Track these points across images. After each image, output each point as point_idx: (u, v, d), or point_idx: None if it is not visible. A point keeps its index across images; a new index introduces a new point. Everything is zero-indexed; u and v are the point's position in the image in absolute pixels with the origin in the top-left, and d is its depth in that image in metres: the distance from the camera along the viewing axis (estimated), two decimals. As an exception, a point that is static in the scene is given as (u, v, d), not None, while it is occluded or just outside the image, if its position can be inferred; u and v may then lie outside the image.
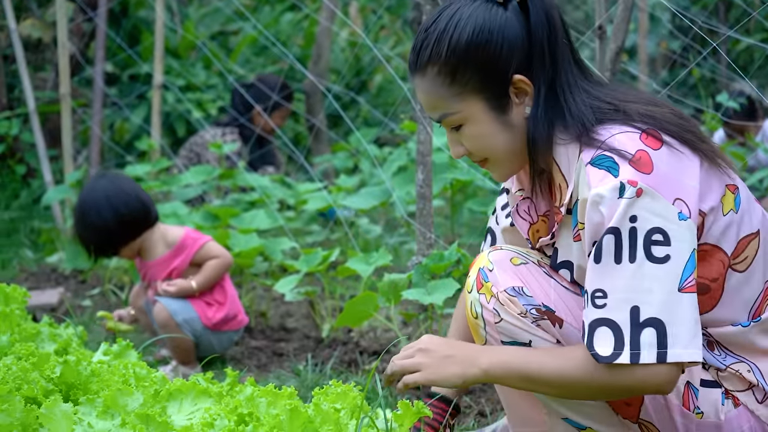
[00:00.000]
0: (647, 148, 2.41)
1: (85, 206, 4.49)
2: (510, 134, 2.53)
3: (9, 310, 3.59)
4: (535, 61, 2.49)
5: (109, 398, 2.60)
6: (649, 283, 2.33)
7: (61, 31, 7.22)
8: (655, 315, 2.31)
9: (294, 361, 4.55)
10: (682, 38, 9.77)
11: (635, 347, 2.32)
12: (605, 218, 2.36)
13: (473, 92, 2.50)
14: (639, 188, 2.34)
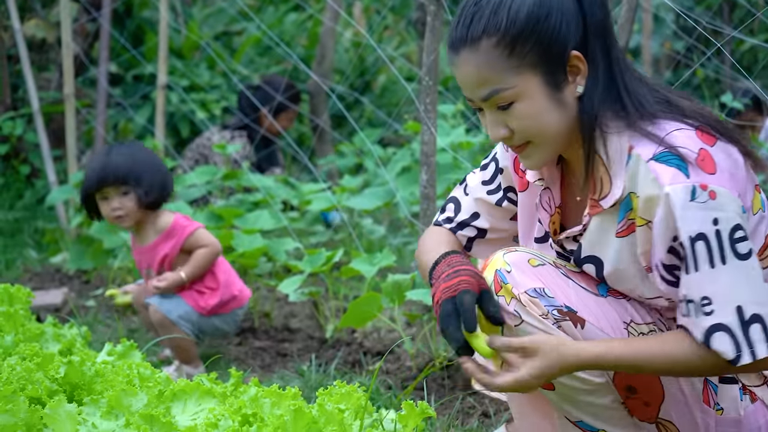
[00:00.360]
0: (705, 145, 2.39)
1: (144, 151, 4.57)
2: (561, 113, 2.45)
3: (13, 310, 3.60)
4: (591, 40, 2.43)
5: (113, 398, 2.60)
6: (744, 280, 2.33)
7: (65, 31, 7.22)
8: (755, 312, 2.32)
9: (298, 361, 4.55)
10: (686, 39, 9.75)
11: (751, 345, 2.33)
12: (686, 224, 2.33)
13: (531, 66, 2.41)
14: (711, 191, 2.33)
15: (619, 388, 2.54)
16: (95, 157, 4.66)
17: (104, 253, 6.15)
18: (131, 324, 5.38)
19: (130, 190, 4.42)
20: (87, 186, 4.46)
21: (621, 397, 2.55)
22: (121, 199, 4.42)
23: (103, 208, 4.46)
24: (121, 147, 4.53)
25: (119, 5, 8.83)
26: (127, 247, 5.79)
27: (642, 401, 2.54)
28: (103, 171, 4.42)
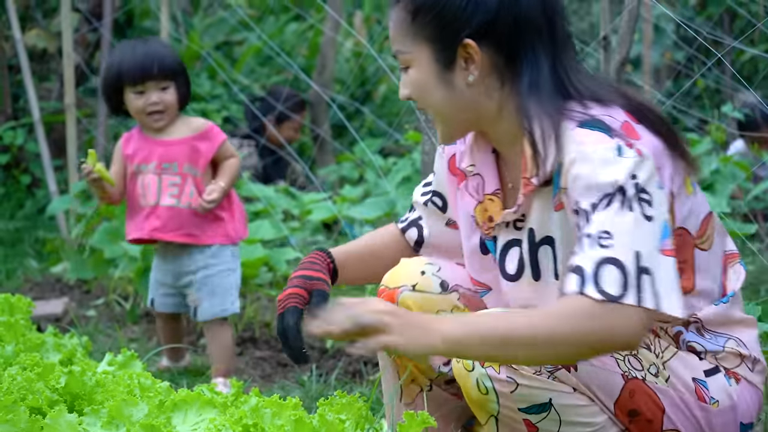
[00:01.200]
0: (632, 121, 2.45)
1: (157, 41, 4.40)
2: (448, 93, 2.53)
3: (14, 320, 3.60)
4: (502, 36, 2.48)
5: (113, 409, 2.60)
6: (643, 235, 2.31)
7: (66, 41, 7.23)
8: (649, 266, 2.30)
9: (298, 371, 4.55)
10: (687, 49, 9.75)
11: (640, 290, 2.29)
12: (607, 174, 2.34)
13: (426, 38, 2.52)
14: (638, 149, 2.36)
15: (622, 415, 2.54)
16: (127, 47, 4.28)
17: (105, 263, 6.14)
18: (132, 334, 5.38)
19: (171, 86, 4.19)
20: (121, 77, 4.16)
21: (624, 424, 2.56)
22: (160, 94, 4.17)
23: (136, 102, 4.17)
24: (155, 40, 4.33)
25: (120, 15, 8.84)
26: (129, 256, 5.79)
27: (645, 419, 2.54)
28: (147, 62, 4.15)
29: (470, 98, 2.53)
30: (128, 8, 9.14)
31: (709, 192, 5.72)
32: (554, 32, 2.52)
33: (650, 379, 2.53)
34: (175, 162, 4.22)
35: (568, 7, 14.16)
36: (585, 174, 2.37)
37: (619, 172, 2.33)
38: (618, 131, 2.39)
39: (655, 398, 2.53)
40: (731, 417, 2.58)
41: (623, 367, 2.52)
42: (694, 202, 2.54)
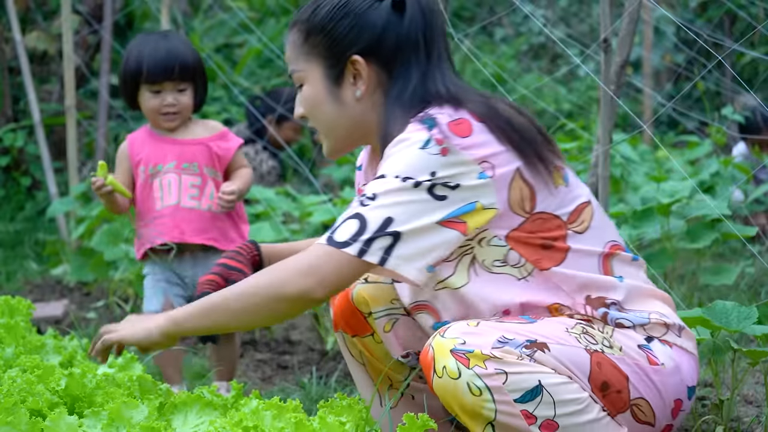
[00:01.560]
0: (471, 118, 2.65)
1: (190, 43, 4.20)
2: (337, 108, 2.79)
3: (14, 322, 3.59)
4: (386, 53, 2.73)
5: (114, 411, 2.60)
6: (415, 208, 2.57)
7: (67, 43, 7.23)
8: (399, 229, 2.57)
9: (298, 374, 4.54)
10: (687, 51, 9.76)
11: (367, 244, 2.56)
12: (406, 157, 2.59)
13: (317, 57, 2.77)
14: (445, 147, 2.58)
15: (596, 390, 2.61)
16: (147, 42, 4.08)
17: (105, 265, 6.14)
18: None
19: (188, 87, 4.07)
20: (139, 74, 4.01)
21: (599, 399, 2.62)
22: (176, 96, 4.05)
23: (152, 101, 4.04)
24: (176, 36, 4.15)
25: (120, 17, 8.84)
26: (129, 259, 5.79)
27: (615, 391, 2.63)
28: (168, 62, 4.01)
29: (359, 112, 2.79)
30: (128, 10, 9.14)
31: (710, 194, 5.72)
32: (430, 49, 2.76)
33: (608, 351, 2.63)
34: (195, 162, 4.08)
35: (568, 10, 14.20)
36: (391, 155, 2.62)
37: (417, 159, 2.58)
38: (443, 126, 2.60)
39: (618, 368, 2.62)
40: (679, 378, 2.70)
41: (583, 342, 2.62)
42: (564, 192, 2.73)
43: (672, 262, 4.53)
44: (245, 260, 3.04)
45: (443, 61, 2.78)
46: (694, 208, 4.71)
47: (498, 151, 2.63)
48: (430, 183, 2.57)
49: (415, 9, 2.74)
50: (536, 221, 2.69)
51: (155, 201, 4.07)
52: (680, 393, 2.71)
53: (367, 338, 3.07)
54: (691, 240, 4.59)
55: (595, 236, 2.75)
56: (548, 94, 12.41)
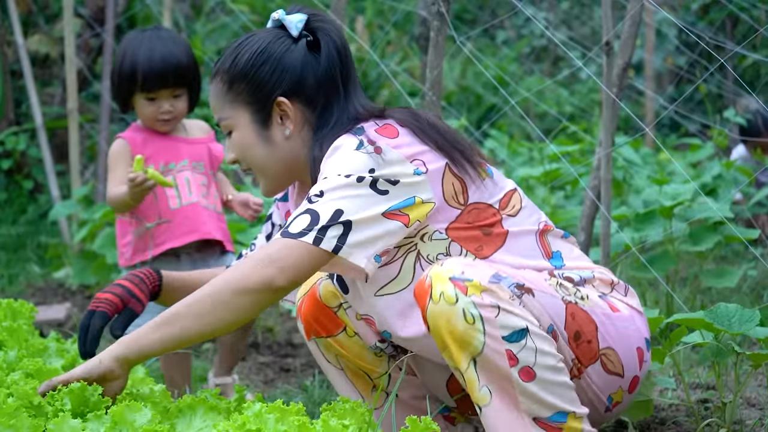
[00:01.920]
0: (395, 124, 2.82)
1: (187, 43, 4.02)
2: (268, 149, 2.90)
3: (16, 325, 3.59)
4: (308, 92, 2.87)
5: (117, 414, 2.59)
6: (361, 201, 2.68)
7: (69, 46, 7.24)
8: (350, 218, 2.66)
9: (301, 376, 4.54)
10: (689, 54, 9.76)
11: (322, 233, 2.65)
12: (343, 159, 2.71)
13: (243, 103, 2.89)
14: (377, 147, 2.72)
15: (571, 341, 2.72)
16: (142, 46, 3.92)
17: (107, 268, 6.15)
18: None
19: (184, 93, 3.96)
20: (134, 82, 3.89)
21: (572, 349, 2.72)
22: (172, 102, 3.94)
23: (147, 108, 3.93)
24: (170, 38, 3.96)
25: (122, 20, 8.84)
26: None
27: (586, 341, 2.73)
28: (163, 70, 3.89)
29: (289, 151, 2.90)
30: (130, 14, 9.15)
31: (712, 197, 5.72)
32: (347, 80, 2.91)
33: (579, 302, 2.74)
34: (202, 162, 4.05)
35: (570, 12, 14.19)
36: (328, 161, 2.74)
37: (355, 158, 2.70)
38: (369, 132, 2.76)
39: (589, 317, 2.74)
40: (635, 326, 2.83)
41: (560, 292, 2.73)
42: (491, 184, 2.87)
43: (674, 265, 4.53)
44: (146, 289, 3.08)
45: (358, 88, 2.94)
46: (697, 211, 4.71)
47: (424, 149, 2.77)
48: (371, 179, 2.68)
49: (329, 47, 2.88)
50: (472, 212, 2.81)
51: (170, 199, 3.97)
52: (640, 341, 2.84)
53: (340, 335, 3.12)
54: (693, 243, 4.60)
55: (527, 216, 2.89)
56: (550, 96, 12.41)
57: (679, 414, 3.70)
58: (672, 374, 4.12)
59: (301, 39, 2.89)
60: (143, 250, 3.98)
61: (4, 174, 8.82)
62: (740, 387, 3.41)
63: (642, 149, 8.12)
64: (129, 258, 4.00)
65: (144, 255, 3.97)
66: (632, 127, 11.74)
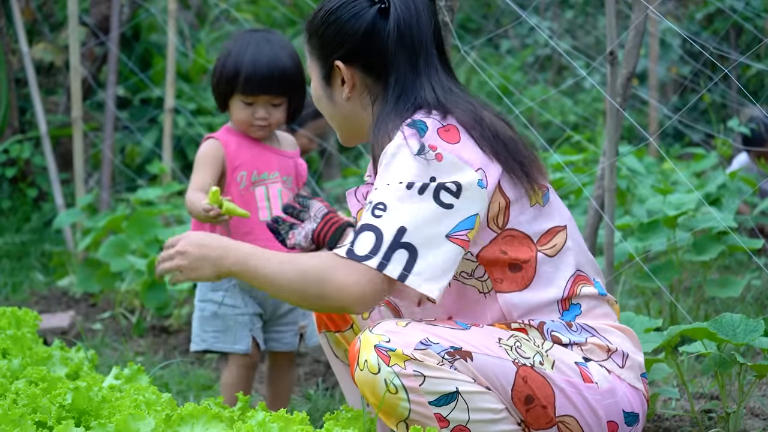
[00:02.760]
0: (459, 126, 2.73)
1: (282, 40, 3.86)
2: (331, 106, 2.93)
3: (21, 333, 3.59)
4: (371, 58, 2.83)
5: (120, 423, 2.60)
6: (425, 216, 2.61)
7: (74, 55, 7.24)
8: (414, 243, 2.60)
9: (304, 385, 4.54)
10: (693, 63, 9.76)
11: (386, 258, 2.59)
12: (404, 163, 2.66)
13: (316, 57, 2.92)
14: (438, 153, 2.65)
15: (519, 403, 2.66)
16: (250, 46, 3.78)
17: (111, 277, 6.15)
18: (138, 347, 5.38)
19: (284, 102, 3.80)
20: (236, 84, 3.75)
21: (522, 413, 2.67)
22: (269, 110, 3.78)
23: (243, 112, 3.78)
24: (280, 44, 3.81)
25: (127, 29, 8.86)
26: (135, 270, 5.79)
27: (540, 406, 2.67)
28: (267, 75, 3.74)
29: (350, 111, 2.91)
30: (135, 22, 9.16)
31: (716, 206, 5.72)
32: (417, 56, 2.83)
33: (538, 367, 2.68)
34: (290, 177, 3.89)
35: (574, 22, 14.20)
36: (389, 167, 2.67)
37: (415, 165, 2.64)
38: (434, 132, 2.69)
39: (546, 383, 2.67)
40: (614, 400, 2.73)
41: (512, 355, 2.66)
42: (540, 212, 2.78)
43: (678, 275, 4.53)
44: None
45: (432, 67, 2.85)
46: (701, 221, 4.71)
47: (485, 161, 2.70)
48: (434, 187, 2.63)
49: (398, 16, 2.80)
50: (506, 238, 2.75)
51: (260, 210, 3.81)
52: (615, 415, 2.74)
53: (348, 332, 3.15)
54: (697, 252, 4.60)
55: (566, 260, 2.80)
56: (554, 106, 12.41)
57: (683, 424, 3.70)
58: (675, 384, 4.12)
59: (375, 4, 2.83)
60: None
61: (8, 182, 8.82)
62: (744, 397, 3.41)
63: (646, 159, 8.13)
64: None
65: None
66: (636, 137, 11.74)
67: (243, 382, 3.82)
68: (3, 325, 3.73)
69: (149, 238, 5.94)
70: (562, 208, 2.87)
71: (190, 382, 4.57)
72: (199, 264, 2.79)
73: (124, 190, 8.89)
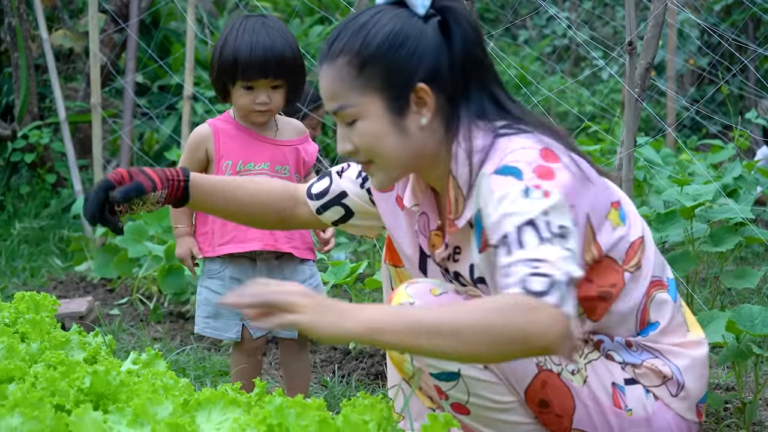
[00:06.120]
0: (545, 162, 2.48)
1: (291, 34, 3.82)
2: (400, 139, 2.60)
3: (39, 318, 3.61)
4: (443, 77, 2.58)
5: (138, 407, 2.61)
6: (571, 258, 2.33)
7: (93, 41, 7.27)
8: (576, 278, 2.32)
9: (321, 372, 4.56)
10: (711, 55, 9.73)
11: (564, 297, 2.28)
12: (516, 214, 2.38)
13: (376, 89, 2.58)
14: (546, 191, 2.41)
15: (532, 404, 2.64)
16: (246, 32, 3.74)
17: (129, 262, 6.18)
18: (155, 333, 5.40)
19: (283, 85, 3.78)
20: (235, 71, 3.73)
21: (534, 412, 2.65)
22: (270, 94, 3.76)
23: (244, 99, 3.77)
24: (277, 28, 3.76)
25: (146, 16, 8.87)
26: (153, 256, 5.81)
27: (554, 413, 2.64)
28: (264, 59, 3.71)
29: (421, 141, 2.62)
30: (154, 9, 9.17)
31: (733, 198, 5.71)
32: (482, 68, 2.64)
33: (566, 376, 2.62)
34: (287, 165, 3.85)
35: (592, 12, 14.17)
36: (496, 214, 2.42)
37: (528, 209, 2.38)
38: (529, 173, 2.44)
39: (568, 394, 2.62)
40: (645, 429, 2.65)
41: (540, 357, 2.59)
42: (621, 233, 2.65)
43: (695, 266, 4.52)
44: (163, 179, 2.94)
45: (496, 78, 2.69)
46: (718, 212, 4.69)
47: (574, 194, 2.49)
48: (551, 231, 2.37)
49: (464, 28, 2.62)
50: (594, 267, 2.64)
51: None
52: None
53: (402, 268, 3.07)
54: (714, 243, 4.58)
55: (644, 272, 2.70)
56: (571, 96, 12.40)
57: (697, 414, 3.70)
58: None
59: (430, 19, 2.61)
60: (213, 245, 3.85)
61: (27, 168, 8.86)
62: (760, 388, 3.41)
63: (663, 149, 8.11)
64: (212, 250, 3.86)
65: (214, 251, 3.84)
66: (653, 128, 11.72)
67: (247, 369, 3.86)
68: (22, 310, 3.74)
69: (167, 224, 5.96)
70: (636, 217, 2.74)
71: (206, 368, 4.59)
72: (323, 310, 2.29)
73: (142, 176, 8.89)
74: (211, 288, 3.87)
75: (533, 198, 2.40)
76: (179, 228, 3.89)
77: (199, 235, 3.89)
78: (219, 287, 3.85)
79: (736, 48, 8.95)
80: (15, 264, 7.12)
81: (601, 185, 2.66)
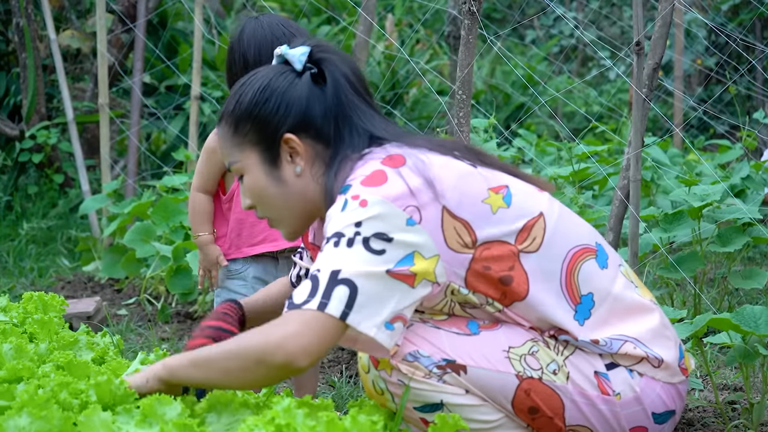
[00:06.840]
0: (385, 167, 2.62)
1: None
2: (281, 189, 2.78)
3: (47, 318, 3.61)
4: (317, 125, 2.75)
5: (147, 407, 2.61)
6: (356, 258, 2.51)
7: (101, 41, 7.28)
8: (350, 277, 2.49)
9: (328, 372, 4.56)
10: (719, 55, 9.73)
11: (326, 297, 2.48)
12: (332, 226, 2.57)
13: (250, 144, 2.78)
14: (363, 200, 2.55)
15: (522, 413, 2.67)
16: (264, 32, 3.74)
17: (137, 262, 6.18)
18: (163, 333, 5.40)
19: None
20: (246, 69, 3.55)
21: (526, 420, 2.68)
22: None
23: None
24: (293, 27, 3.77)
25: (154, 16, 8.88)
26: (160, 257, 5.82)
27: (545, 417, 2.67)
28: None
29: (302, 188, 2.78)
30: (162, 9, 9.18)
31: (741, 198, 5.70)
32: (356, 108, 2.78)
33: (548, 378, 2.65)
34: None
35: (599, 12, 14.16)
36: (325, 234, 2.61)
37: (341, 222, 2.55)
38: (356, 184, 2.59)
39: (554, 395, 2.65)
40: (638, 408, 2.69)
41: (518, 368, 2.64)
42: (506, 214, 2.66)
43: (702, 266, 4.52)
44: (233, 321, 3.04)
45: (373, 115, 2.80)
46: (726, 212, 4.69)
47: (420, 195, 2.60)
48: (362, 238, 2.53)
49: (335, 77, 2.76)
50: (483, 252, 2.65)
51: None
52: (641, 420, 2.71)
53: None
54: (721, 244, 4.58)
55: (552, 249, 2.70)
56: (578, 96, 12.39)
57: (706, 415, 3.70)
58: (699, 375, 4.12)
59: (305, 72, 2.77)
60: (239, 246, 3.87)
61: (35, 168, 8.87)
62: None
63: (670, 150, 8.11)
64: (225, 251, 3.89)
65: (240, 252, 3.87)
66: (660, 128, 11.71)
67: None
68: (30, 310, 3.75)
69: (174, 224, 5.97)
70: (533, 196, 2.75)
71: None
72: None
73: (149, 176, 8.91)
74: (230, 288, 3.87)
75: (348, 210, 2.55)
76: (202, 236, 3.89)
77: (218, 238, 3.91)
78: (240, 287, 3.86)
79: (744, 48, 8.94)
80: (23, 264, 7.13)
81: (477, 176, 2.69)
